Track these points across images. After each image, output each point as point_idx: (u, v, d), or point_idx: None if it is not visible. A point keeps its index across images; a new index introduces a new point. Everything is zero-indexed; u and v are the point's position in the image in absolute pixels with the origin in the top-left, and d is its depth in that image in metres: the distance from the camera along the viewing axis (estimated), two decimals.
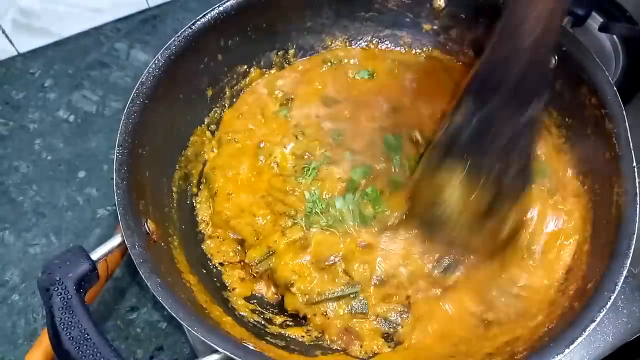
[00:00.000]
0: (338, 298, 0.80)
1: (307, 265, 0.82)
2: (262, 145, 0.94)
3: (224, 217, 0.88)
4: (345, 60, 1.04)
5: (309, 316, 0.81)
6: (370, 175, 0.89)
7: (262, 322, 0.81)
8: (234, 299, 0.83)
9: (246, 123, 0.97)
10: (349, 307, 0.80)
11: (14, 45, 1.18)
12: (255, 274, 0.84)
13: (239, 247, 0.87)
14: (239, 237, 0.87)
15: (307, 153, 0.93)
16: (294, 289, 0.81)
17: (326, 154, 0.92)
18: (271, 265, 0.83)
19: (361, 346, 0.78)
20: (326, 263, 0.82)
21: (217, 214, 0.89)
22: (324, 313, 0.80)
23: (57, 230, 0.99)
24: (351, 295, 0.80)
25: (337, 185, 0.89)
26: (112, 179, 0.73)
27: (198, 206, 0.91)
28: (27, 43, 1.19)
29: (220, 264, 0.87)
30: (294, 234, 0.84)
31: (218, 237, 0.89)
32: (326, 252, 0.83)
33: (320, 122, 0.96)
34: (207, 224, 0.90)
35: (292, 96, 1.00)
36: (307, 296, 0.81)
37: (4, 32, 1.14)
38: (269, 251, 0.84)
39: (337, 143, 0.93)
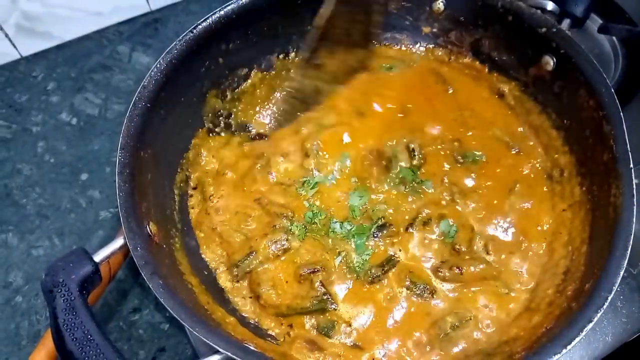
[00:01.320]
0: (307, 313, 0.80)
1: (279, 276, 0.83)
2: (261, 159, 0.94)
3: (212, 225, 0.88)
4: None
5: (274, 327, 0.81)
6: (366, 203, 0.89)
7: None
8: (236, 299, 0.84)
9: None
10: (316, 326, 0.80)
11: (17, 49, 1.18)
12: (236, 277, 0.85)
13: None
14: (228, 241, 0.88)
15: (313, 169, 0.93)
16: (261, 301, 0.81)
17: (335, 174, 0.93)
18: (251, 267, 0.84)
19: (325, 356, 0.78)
20: (306, 270, 0.82)
21: (200, 222, 0.89)
22: (290, 325, 0.80)
23: (60, 233, 0.99)
24: (322, 312, 0.80)
25: (338, 205, 0.90)
26: (115, 181, 0.74)
27: (191, 210, 0.91)
28: (30, 46, 1.20)
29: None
30: (276, 236, 0.85)
31: (210, 243, 0.89)
32: (308, 259, 0.84)
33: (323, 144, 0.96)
34: (199, 229, 0.89)
35: None
36: (276, 309, 0.81)
37: (7, 35, 1.14)
38: (251, 251, 0.84)
39: (344, 168, 0.94)
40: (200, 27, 0.87)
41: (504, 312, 0.79)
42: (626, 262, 0.68)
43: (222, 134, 0.98)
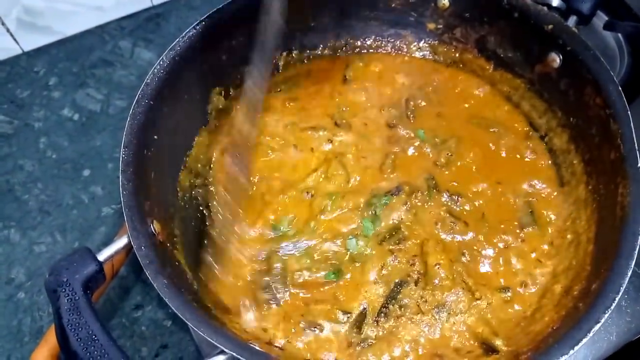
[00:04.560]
0: None
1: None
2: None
3: None
4: None
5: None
6: None
7: None
8: None
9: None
10: None
11: (18, 44, 1.18)
12: None
13: None
14: None
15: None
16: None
17: None
18: None
19: None
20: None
21: None
22: None
23: (62, 229, 0.99)
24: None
25: None
26: (117, 177, 0.74)
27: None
28: (31, 41, 1.19)
29: None
30: None
31: None
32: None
33: None
34: None
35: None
36: None
37: (8, 30, 1.14)
38: None
39: None
40: (203, 23, 0.87)
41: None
42: (634, 262, 0.67)
43: None
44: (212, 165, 0.94)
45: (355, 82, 1.03)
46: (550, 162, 0.92)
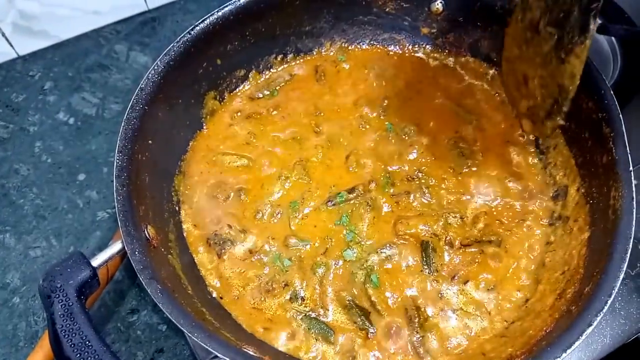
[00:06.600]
0: None
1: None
2: None
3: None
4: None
5: None
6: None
7: None
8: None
9: None
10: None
11: (14, 48, 1.18)
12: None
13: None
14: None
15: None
16: None
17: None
18: None
19: None
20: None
21: None
22: None
23: (58, 233, 0.99)
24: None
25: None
26: (112, 181, 0.74)
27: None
28: (27, 46, 1.19)
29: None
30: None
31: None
32: None
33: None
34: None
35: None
36: None
37: (4, 34, 1.14)
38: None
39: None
40: (197, 28, 0.87)
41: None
42: (626, 265, 0.68)
43: None
44: None
45: (328, 83, 1.03)
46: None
